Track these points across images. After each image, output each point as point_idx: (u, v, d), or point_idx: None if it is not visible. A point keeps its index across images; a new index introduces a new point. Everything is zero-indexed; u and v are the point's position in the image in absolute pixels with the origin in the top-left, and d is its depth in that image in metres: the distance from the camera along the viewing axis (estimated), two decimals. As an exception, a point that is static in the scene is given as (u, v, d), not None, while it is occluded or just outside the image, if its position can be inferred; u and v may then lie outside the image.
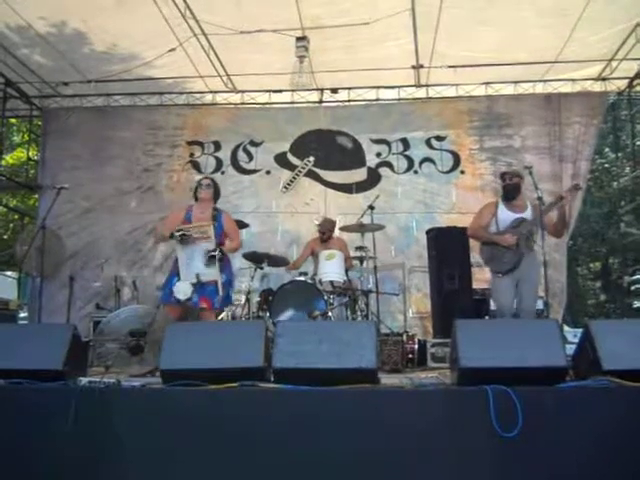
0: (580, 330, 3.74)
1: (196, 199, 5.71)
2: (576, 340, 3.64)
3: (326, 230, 7.46)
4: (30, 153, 10.95)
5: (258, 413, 3.18)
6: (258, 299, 6.70)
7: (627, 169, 12.16)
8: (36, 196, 10.56)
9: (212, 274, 5.31)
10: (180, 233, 5.28)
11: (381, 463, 3.06)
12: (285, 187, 9.27)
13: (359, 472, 3.06)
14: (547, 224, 5.48)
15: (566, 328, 5.61)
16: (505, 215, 5.67)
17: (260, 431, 3.15)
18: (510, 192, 5.69)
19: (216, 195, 5.84)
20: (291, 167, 9.32)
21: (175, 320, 5.30)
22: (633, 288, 12.12)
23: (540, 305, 6.05)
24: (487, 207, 5.91)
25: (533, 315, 5.64)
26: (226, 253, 5.43)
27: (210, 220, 5.45)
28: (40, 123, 10.21)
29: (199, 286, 5.26)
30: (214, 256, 5.28)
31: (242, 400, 3.25)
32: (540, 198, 5.19)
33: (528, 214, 5.57)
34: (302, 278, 6.70)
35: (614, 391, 3.10)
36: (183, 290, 5.24)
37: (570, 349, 3.52)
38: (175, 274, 5.41)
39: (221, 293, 5.30)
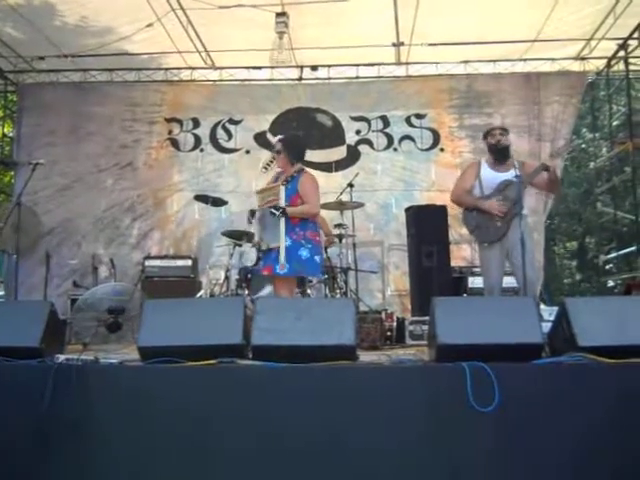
0: (556, 309, 3.78)
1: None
2: (552, 318, 3.67)
3: None
4: (5, 129, 10.77)
5: (236, 390, 3.18)
6: (237, 277, 6.69)
7: (604, 149, 12.25)
8: (12, 173, 10.40)
9: (275, 239, 5.00)
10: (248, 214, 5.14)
11: (359, 439, 3.09)
12: (264, 167, 9.14)
13: (337, 448, 3.08)
14: (539, 183, 5.16)
15: (543, 307, 5.58)
16: (490, 175, 5.10)
17: (238, 408, 3.16)
18: (501, 152, 5.10)
19: (296, 153, 5.45)
20: (270, 147, 9.23)
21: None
22: (608, 267, 12.26)
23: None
24: (470, 168, 5.39)
25: (535, 287, 5.10)
26: (290, 215, 5.02)
27: (284, 182, 5.21)
28: (15, 99, 10.05)
29: (264, 253, 5.09)
30: (274, 214, 4.96)
31: (220, 377, 3.25)
32: (518, 176, 4.97)
33: (515, 174, 4.81)
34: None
35: (588, 367, 3.15)
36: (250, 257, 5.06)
37: (546, 327, 3.56)
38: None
39: (282, 259, 4.88)
